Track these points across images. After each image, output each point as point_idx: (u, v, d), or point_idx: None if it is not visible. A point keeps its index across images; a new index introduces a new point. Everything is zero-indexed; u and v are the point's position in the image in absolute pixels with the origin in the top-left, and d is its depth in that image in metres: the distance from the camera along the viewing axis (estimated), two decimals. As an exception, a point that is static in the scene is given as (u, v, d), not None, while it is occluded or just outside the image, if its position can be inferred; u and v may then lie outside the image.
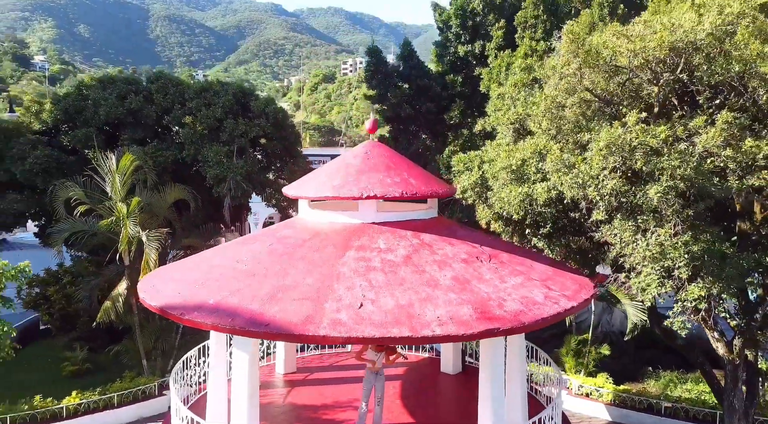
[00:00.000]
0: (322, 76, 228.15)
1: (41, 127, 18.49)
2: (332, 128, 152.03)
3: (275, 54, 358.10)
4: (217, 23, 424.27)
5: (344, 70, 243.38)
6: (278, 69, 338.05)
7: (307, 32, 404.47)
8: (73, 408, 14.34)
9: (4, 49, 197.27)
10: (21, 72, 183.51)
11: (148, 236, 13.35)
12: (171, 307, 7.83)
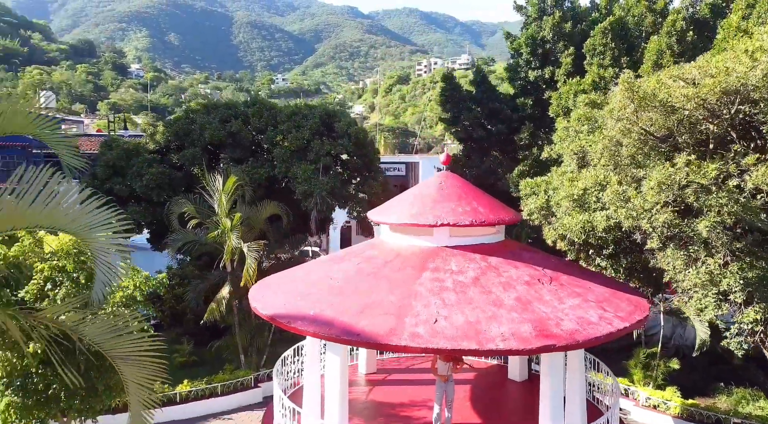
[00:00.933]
0: (396, 77, 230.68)
1: (155, 147, 21.17)
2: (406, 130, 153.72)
3: (351, 56, 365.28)
4: (296, 27, 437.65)
5: (418, 70, 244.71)
6: (354, 71, 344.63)
7: (382, 33, 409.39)
8: (185, 394, 16.62)
9: (105, 58, 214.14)
10: (120, 80, 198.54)
11: (249, 248, 15.35)
12: (279, 316, 9.52)
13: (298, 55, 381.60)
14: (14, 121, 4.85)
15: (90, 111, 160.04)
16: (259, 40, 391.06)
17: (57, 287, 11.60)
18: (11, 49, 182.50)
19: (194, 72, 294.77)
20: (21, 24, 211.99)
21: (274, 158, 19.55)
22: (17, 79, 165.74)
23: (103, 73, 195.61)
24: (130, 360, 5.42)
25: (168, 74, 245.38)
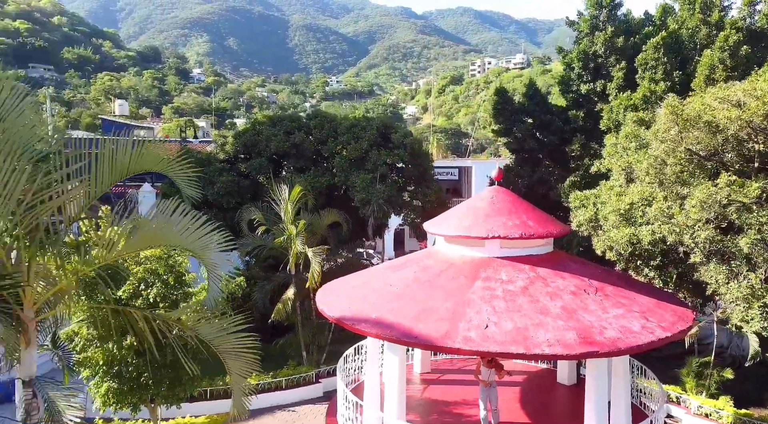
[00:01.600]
0: (449, 78, 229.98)
1: (225, 157, 22.88)
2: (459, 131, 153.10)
3: (404, 57, 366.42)
4: (350, 30, 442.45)
5: (472, 70, 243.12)
6: (407, 71, 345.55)
7: (435, 34, 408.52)
8: (253, 387, 18.05)
9: (169, 64, 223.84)
10: (183, 85, 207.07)
11: (314, 253, 16.61)
12: (345, 318, 10.61)
13: (351, 56, 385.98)
14: (148, 160, 6.09)
15: (155, 115, 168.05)
16: (314, 42, 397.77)
17: (149, 288, 13.17)
18: (85, 57, 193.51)
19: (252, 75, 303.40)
20: (93, 33, 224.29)
21: (334, 167, 20.81)
22: (90, 85, 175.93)
23: (167, 78, 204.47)
24: (234, 355, 6.60)
25: (227, 78, 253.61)
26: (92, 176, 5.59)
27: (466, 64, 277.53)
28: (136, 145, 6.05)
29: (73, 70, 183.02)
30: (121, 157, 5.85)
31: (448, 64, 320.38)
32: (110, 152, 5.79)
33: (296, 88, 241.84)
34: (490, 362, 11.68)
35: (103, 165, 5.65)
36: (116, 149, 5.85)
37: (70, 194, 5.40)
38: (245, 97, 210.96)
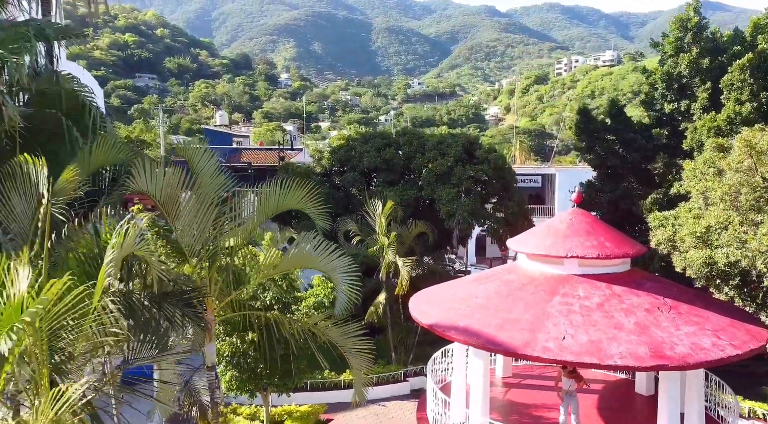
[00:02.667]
0: (534, 77, 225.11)
1: (321, 170, 25.10)
2: (543, 131, 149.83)
3: (486, 56, 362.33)
4: (432, 30, 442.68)
5: (558, 69, 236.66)
6: (489, 71, 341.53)
7: (519, 32, 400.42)
8: (348, 382, 20.01)
9: (259, 70, 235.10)
10: (272, 90, 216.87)
11: (404, 262, 18.26)
12: (435, 325, 12.13)
13: (433, 57, 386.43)
14: (291, 200, 7.90)
15: (246, 119, 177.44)
16: (396, 44, 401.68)
17: (266, 291, 15.33)
18: (184, 66, 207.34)
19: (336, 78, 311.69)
20: (191, 43, 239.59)
21: (421, 181, 22.38)
22: (188, 93, 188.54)
23: (257, 83, 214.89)
24: (354, 353, 8.29)
25: (312, 82, 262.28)
26: (256, 214, 7.47)
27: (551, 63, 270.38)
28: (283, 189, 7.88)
29: (174, 79, 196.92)
30: (273, 199, 7.71)
31: (533, 63, 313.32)
32: (266, 195, 7.67)
33: (378, 91, 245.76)
34: (571, 373, 12.66)
35: (261, 205, 7.51)
36: (269, 193, 7.72)
37: (240, 229, 7.30)
38: (329, 100, 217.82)
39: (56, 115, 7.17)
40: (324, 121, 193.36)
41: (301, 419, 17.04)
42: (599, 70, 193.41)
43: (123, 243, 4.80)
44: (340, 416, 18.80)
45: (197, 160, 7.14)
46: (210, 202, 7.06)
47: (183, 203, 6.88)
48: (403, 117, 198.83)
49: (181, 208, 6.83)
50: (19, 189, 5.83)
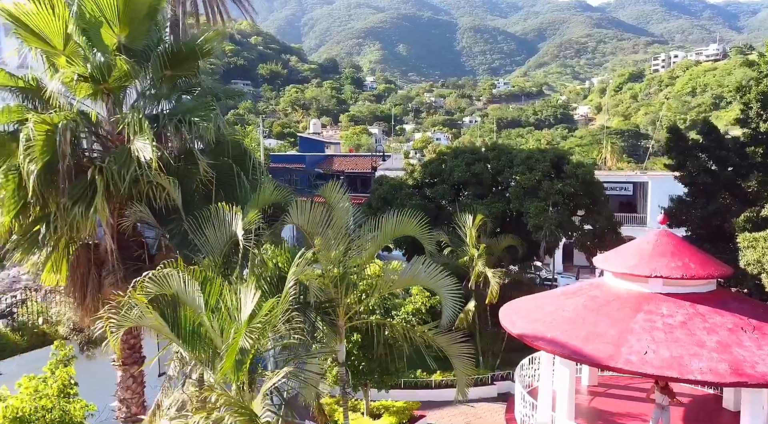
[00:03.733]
0: (627, 74, 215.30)
1: (413, 183, 26.78)
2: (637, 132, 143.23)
3: (576, 53, 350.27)
4: (518, 28, 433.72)
5: (654, 65, 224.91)
6: (579, 69, 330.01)
7: (612, 26, 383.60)
8: (437, 383, 21.56)
9: (346, 74, 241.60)
10: (358, 93, 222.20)
11: (494, 274, 19.53)
12: (525, 335, 13.39)
13: (519, 56, 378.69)
14: (406, 227, 9.57)
15: (334, 123, 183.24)
16: (481, 43, 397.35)
17: (368, 297, 17.21)
18: (275, 72, 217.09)
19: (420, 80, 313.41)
20: (282, 49, 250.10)
21: (509, 194, 23.45)
22: (279, 97, 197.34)
23: (344, 87, 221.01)
24: (457, 358, 9.84)
25: (397, 85, 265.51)
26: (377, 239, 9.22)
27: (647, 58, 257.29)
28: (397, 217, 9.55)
29: (266, 84, 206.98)
30: (391, 226, 9.42)
31: (627, 59, 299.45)
32: (384, 223, 9.38)
33: (463, 92, 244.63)
34: (664, 388, 13.34)
35: (382, 232, 9.23)
36: (389, 221, 9.43)
37: (367, 252, 9.06)
38: (414, 102, 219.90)
39: (228, 163, 9.28)
40: (408, 124, 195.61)
41: (397, 414, 18.74)
42: (702, 65, 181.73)
43: (296, 271, 6.63)
44: (432, 413, 20.36)
45: (333, 199, 9.00)
46: (342, 231, 8.88)
47: (323, 231, 8.76)
48: (488, 118, 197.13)
49: (322, 235, 8.70)
50: (213, 224, 7.90)
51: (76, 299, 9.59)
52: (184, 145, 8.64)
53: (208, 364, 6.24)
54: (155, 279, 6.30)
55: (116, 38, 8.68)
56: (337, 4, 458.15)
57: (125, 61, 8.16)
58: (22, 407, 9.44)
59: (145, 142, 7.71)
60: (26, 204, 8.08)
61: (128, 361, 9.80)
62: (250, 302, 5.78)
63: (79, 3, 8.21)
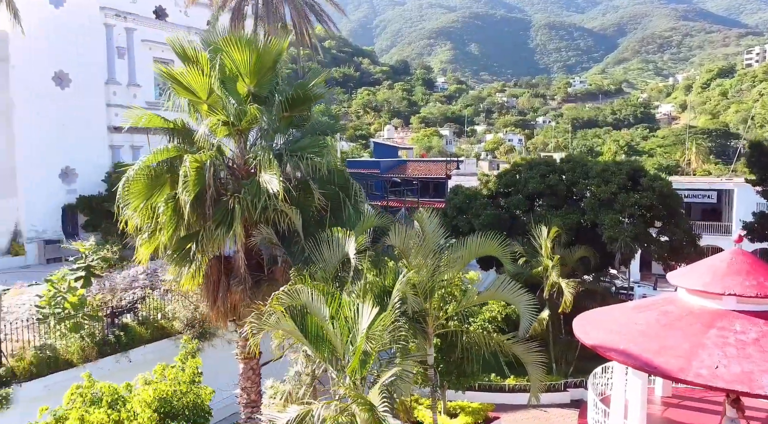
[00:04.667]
0: (717, 70, 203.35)
1: (488, 193, 27.73)
2: (726, 131, 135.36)
3: (659, 48, 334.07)
4: (596, 24, 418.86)
5: (747, 59, 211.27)
6: (662, 64, 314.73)
7: (700, 18, 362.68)
8: (510, 387, 22.51)
9: (417, 75, 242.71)
10: (428, 94, 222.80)
11: (567, 284, 20.26)
12: (598, 346, 14.21)
13: (597, 52, 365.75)
14: (488, 248, 10.82)
15: (405, 125, 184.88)
16: (557, 40, 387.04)
17: (447, 303, 18.49)
18: (348, 74, 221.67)
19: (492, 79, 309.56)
20: (355, 52, 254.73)
21: (584, 206, 23.95)
22: (351, 100, 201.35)
23: (415, 88, 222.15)
24: (532, 365, 10.97)
25: (468, 85, 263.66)
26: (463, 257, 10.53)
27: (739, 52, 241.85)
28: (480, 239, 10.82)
29: (339, 87, 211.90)
30: (474, 247, 10.69)
31: (716, 53, 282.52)
32: (469, 244, 10.69)
33: (536, 92, 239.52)
34: (735, 402, 13.75)
35: (467, 250, 10.53)
36: (472, 242, 10.72)
37: (453, 269, 10.41)
38: (485, 102, 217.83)
39: (336, 190, 10.90)
40: (480, 125, 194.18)
41: (472, 414, 19.90)
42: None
43: (399, 288, 8.05)
44: (506, 416, 21.38)
45: (424, 222, 10.39)
46: (431, 252, 10.25)
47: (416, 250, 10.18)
48: (563, 118, 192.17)
49: (414, 253, 10.13)
50: (328, 245, 9.51)
51: (209, 301, 11.54)
52: (301, 177, 10.31)
53: (330, 362, 7.79)
54: (289, 293, 7.91)
55: (247, 88, 10.49)
56: (409, 5, 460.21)
57: (256, 109, 9.93)
58: (166, 391, 11.50)
59: (272, 176, 9.41)
60: (179, 226, 10.02)
61: (249, 355, 11.64)
62: (368, 315, 7.24)
63: (220, 61, 10.06)
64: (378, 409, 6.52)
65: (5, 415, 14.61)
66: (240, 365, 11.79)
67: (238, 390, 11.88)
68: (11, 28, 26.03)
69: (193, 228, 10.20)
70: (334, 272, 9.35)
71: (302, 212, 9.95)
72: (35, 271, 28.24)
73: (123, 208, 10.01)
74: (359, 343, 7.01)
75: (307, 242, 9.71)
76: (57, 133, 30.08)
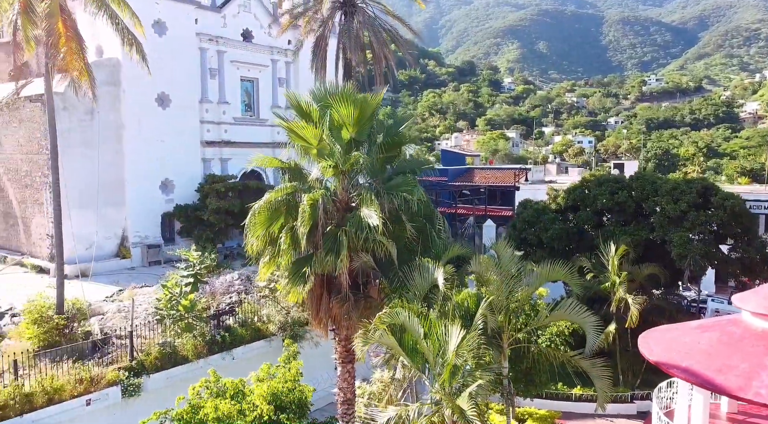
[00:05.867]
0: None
1: (556, 208, 28.65)
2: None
3: (745, 41, 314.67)
4: (675, 17, 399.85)
5: None
6: (748, 59, 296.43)
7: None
8: (577, 396, 23.52)
9: (483, 76, 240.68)
10: (495, 95, 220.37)
11: (633, 300, 21.10)
12: (661, 363, 15.24)
13: (675, 47, 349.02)
14: (558, 274, 12.24)
15: (470, 127, 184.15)
16: (631, 36, 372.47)
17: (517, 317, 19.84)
18: (414, 77, 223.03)
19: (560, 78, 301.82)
20: (421, 54, 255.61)
21: (653, 224, 24.51)
22: (417, 102, 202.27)
23: (481, 90, 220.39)
24: (598, 378, 12.31)
25: (536, 85, 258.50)
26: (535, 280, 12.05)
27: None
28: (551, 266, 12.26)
29: (405, 90, 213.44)
30: (545, 272, 12.17)
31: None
32: (540, 272, 12.17)
33: (608, 91, 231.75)
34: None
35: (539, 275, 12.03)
36: (543, 268, 12.20)
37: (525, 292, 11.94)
38: (554, 103, 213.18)
39: (423, 222, 12.66)
40: (547, 126, 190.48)
41: (540, 421, 21.16)
42: None
43: (482, 312, 9.67)
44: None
45: (501, 251, 11.96)
46: (507, 277, 11.81)
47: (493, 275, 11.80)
48: (636, 119, 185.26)
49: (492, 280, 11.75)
50: (419, 272, 11.29)
51: (311, 312, 13.61)
52: (394, 211, 12.15)
53: (423, 371, 9.56)
54: (390, 314, 9.73)
55: (350, 135, 12.43)
56: (476, 4, 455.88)
57: (359, 156, 11.85)
58: (277, 387, 13.66)
59: (372, 212, 11.28)
60: (296, 252, 12.11)
61: (346, 360, 13.61)
62: (456, 335, 8.94)
63: (330, 115, 12.06)
64: (467, 412, 8.19)
65: (137, 400, 17.40)
66: (338, 368, 13.77)
67: (336, 389, 13.88)
68: (122, 56, 29.59)
69: (305, 253, 12.24)
70: (424, 294, 11.10)
71: (395, 241, 11.76)
72: (140, 272, 31.81)
73: (248, 235, 12.19)
74: (450, 359, 8.72)
75: (400, 268, 11.53)
76: (158, 149, 33.52)
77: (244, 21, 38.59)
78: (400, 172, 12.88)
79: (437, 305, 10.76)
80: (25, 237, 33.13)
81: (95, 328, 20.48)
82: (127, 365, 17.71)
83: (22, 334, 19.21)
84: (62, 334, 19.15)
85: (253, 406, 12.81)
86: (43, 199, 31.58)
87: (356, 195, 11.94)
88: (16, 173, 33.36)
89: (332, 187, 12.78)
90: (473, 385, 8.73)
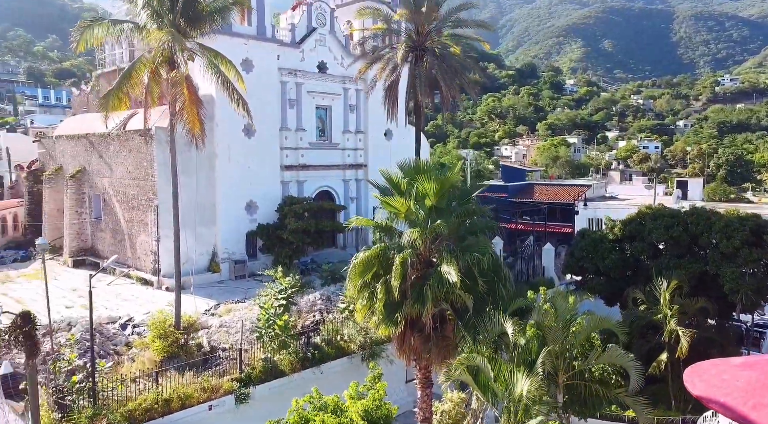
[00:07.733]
0: None
1: (613, 238, 30.35)
2: None
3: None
4: (754, 11, 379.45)
5: None
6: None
7: None
8: (629, 418, 25.34)
9: (545, 78, 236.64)
10: (556, 98, 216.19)
11: (683, 332, 22.81)
12: (702, 397, 17.11)
13: (754, 43, 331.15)
14: (607, 324, 14.59)
15: (531, 132, 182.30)
16: (704, 32, 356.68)
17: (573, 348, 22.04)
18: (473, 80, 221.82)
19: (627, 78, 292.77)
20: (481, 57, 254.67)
21: (707, 258, 25.96)
22: (476, 107, 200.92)
23: (542, 93, 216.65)
24: (641, 412, 14.61)
25: (600, 87, 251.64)
26: (588, 328, 14.55)
27: None
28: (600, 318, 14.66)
29: (463, 94, 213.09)
30: (595, 321, 14.60)
31: None
32: (590, 320, 14.61)
33: (678, 92, 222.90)
34: None
35: (590, 324, 14.52)
36: (595, 318, 14.63)
37: (577, 338, 14.46)
38: (618, 105, 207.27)
39: (491, 275, 15.30)
40: (611, 131, 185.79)
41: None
42: None
43: (544, 357, 12.27)
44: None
45: (557, 303, 14.44)
46: (562, 323, 14.29)
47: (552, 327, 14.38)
48: (707, 122, 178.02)
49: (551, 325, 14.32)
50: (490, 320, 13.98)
51: (397, 344, 16.52)
52: (468, 268, 14.88)
53: (494, 404, 12.24)
54: (468, 357, 12.45)
55: (431, 203, 15.26)
56: (538, 3, 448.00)
57: (441, 224, 14.67)
58: (368, 405, 16.61)
59: (451, 269, 14.04)
60: (388, 299, 15.07)
61: (425, 385, 16.46)
62: (523, 378, 11.57)
63: (416, 188, 14.94)
64: (529, 441, 10.79)
65: (246, 407, 20.85)
66: (418, 392, 16.63)
67: (417, 409, 16.74)
68: (215, 94, 33.54)
69: (395, 299, 15.18)
70: (493, 339, 13.76)
71: (468, 292, 14.48)
72: (228, 285, 35.78)
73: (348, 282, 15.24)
74: (522, 401, 11.36)
75: (473, 315, 14.26)
76: (244, 174, 37.41)
77: (320, 54, 42.02)
78: (472, 232, 15.57)
79: (507, 350, 13.39)
80: (131, 252, 37.84)
81: (204, 341, 24.22)
82: (237, 376, 21.21)
83: (146, 344, 23.06)
84: (180, 346, 22.90)
85: (351, 421, 15.78)
86: (147, 219, 36.09)
87: (436, 251, 14.75)
88: (125, 196, 38.12)
89: (417, 245, 15.64)
90: (534, 421, 11.30)
